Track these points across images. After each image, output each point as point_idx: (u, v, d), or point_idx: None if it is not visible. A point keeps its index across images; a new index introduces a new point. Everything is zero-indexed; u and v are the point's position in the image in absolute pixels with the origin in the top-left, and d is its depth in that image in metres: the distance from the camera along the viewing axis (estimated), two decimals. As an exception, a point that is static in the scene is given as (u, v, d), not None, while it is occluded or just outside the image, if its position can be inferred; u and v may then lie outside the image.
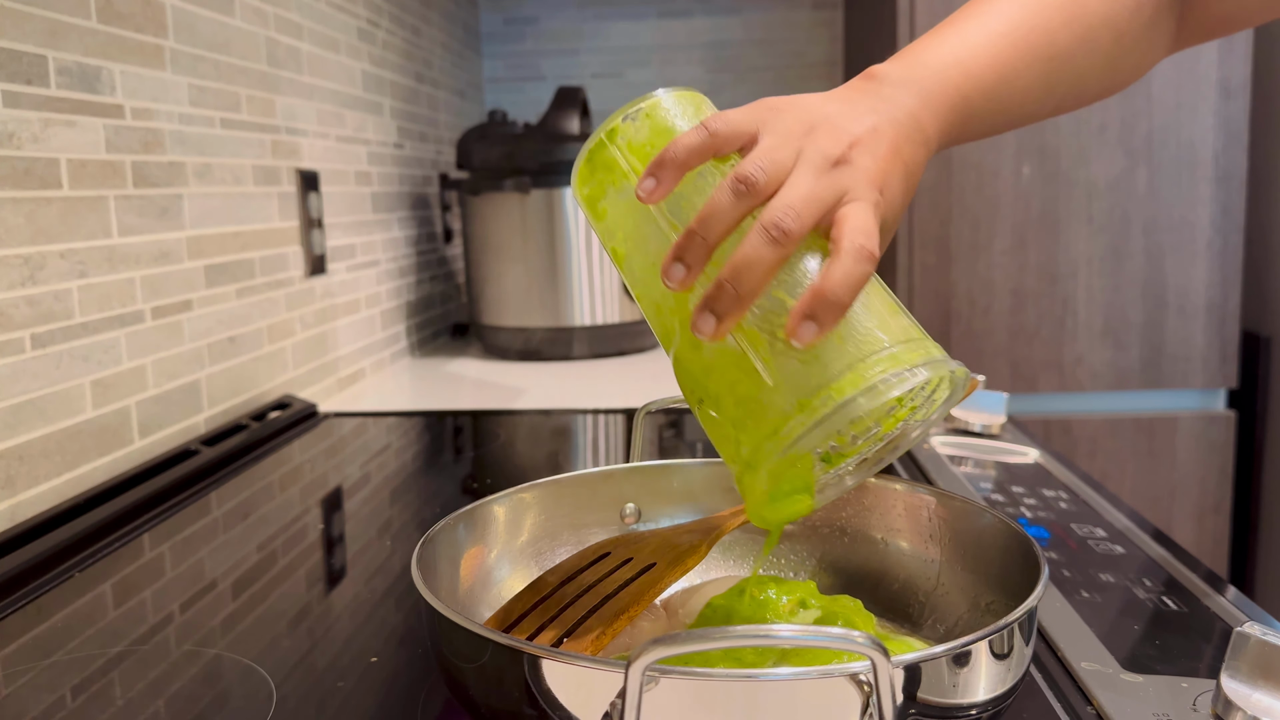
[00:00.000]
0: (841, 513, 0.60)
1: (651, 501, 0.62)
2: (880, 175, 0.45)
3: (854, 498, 0.60)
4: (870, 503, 0.59)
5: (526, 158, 1.41)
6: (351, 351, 1.30)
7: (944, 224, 1.51)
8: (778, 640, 0.31)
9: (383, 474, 0.90)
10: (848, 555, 0.59)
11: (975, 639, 0.38)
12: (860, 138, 0.45)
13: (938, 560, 0.55)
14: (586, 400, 1.17)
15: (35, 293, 0.72)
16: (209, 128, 0.95)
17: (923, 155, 0.50)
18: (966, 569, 0.53)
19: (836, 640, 0.30)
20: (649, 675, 0.34)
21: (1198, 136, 1.46)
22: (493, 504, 0.57)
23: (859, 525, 0.60)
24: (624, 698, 0.32)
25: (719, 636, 0.36)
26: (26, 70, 0.71)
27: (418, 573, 0.45)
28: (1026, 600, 0.41)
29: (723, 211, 0.42)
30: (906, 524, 0.57)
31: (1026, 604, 0.40)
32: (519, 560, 0.57)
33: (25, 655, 0.55)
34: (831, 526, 0.61)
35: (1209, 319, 1.49)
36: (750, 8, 2.05)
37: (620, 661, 0.34)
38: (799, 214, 0.41)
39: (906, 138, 0.48)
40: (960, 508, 0.55)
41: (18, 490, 0.70)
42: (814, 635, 0.31)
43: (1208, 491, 1.52)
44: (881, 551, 0.58)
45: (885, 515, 0.59)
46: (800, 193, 0.42)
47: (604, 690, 0.35)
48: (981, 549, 0.53)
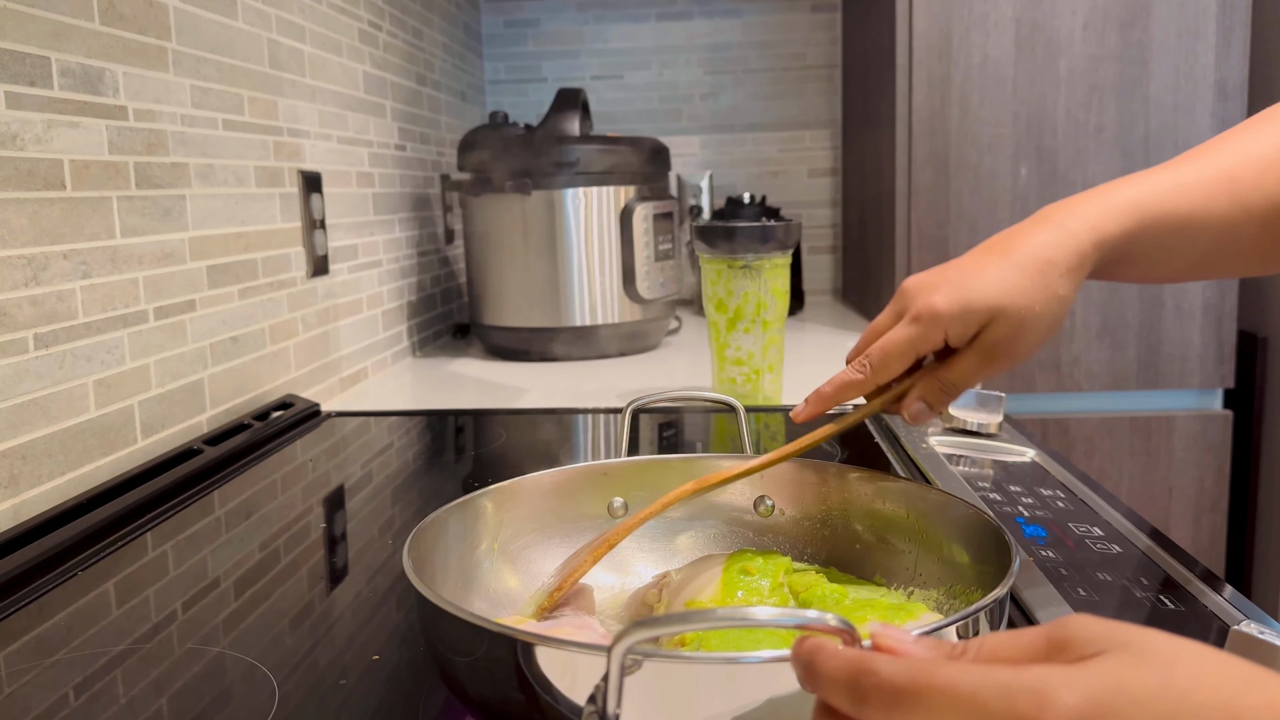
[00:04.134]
0: (821, 505, 0.61)
1: (639, 496, 0.63)
2: None
3: (834, 489, 0.61)
4: (849, 494, 0.60)
5: (527, 159, 1.42)
6: (353, 351, 1.31)
7: (941, 225, 1.51)
8: (755, 622, 0.32)
9: (384, 473, 0.90)
10: (828, 546, 0.61)
11: (944, 624, 0.39)
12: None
13: (914, 551, 0.56)
14: (586, 400, 1.17)
15: (38, 293, 0.73)
16: (211, 129, 0.96)
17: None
18: (941, 559, 0.54)
19: (811, 622, 0.31)
20: (632, 659, 0.34)
21: (1195, 137, 1.46)
22: (483, 497, 0.58)
23: (839, 517, 0.61)
24: (606, 680, 0.33)
25: (698, 619, 0.37)
26: (30, 71, 0.72)
27: (409, 562, 0.46)
28: (995, 589, 0.42)
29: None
30: (884, 515, 0.59)
31: (994, 593, 0.41)
32: (508, 552, 0.58)
33: (28, 654, 0.55)
34: (811, 519, 0.62)
35: (1206, 319, 1.50)
36: (749, 10, 2.06)
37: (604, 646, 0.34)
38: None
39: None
40: (937, 499, 0.56)
41: (21, 489, 0.71)
42: (789, 618, 0.32)
43: (1204, 491, 1.52)
44: (861, 542, 0.59)
45: (864, 506, 0.60)
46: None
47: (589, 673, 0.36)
48: (956, 539, 0.54)
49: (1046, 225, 0.57)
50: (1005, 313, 0.55)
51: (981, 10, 1.46)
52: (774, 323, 1.08)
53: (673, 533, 0.63)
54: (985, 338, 0.56)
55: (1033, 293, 0.55)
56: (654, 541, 0.63)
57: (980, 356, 0.57)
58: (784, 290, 1.08)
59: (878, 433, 0.95)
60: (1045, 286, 0.55)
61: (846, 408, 0.89)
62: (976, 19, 1.46)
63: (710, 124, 2.09)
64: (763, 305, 1.06)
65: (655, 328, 1.52)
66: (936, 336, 0.57)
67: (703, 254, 1.08)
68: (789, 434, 0.99)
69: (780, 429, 1.01)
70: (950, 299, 0.56)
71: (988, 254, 0.57)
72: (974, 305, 0.55)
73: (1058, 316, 0.56)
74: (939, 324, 0.56)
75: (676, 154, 2.07)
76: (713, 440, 1.00)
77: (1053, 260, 0.55)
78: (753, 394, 1.09)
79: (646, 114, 2.09)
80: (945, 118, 1.49)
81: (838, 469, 0.62)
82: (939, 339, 0.57)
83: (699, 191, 1.95)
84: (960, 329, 0.56)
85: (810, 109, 2.08)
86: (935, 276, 0.58)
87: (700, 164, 2.09)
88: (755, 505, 0.63)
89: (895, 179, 1.52)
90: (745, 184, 2.10)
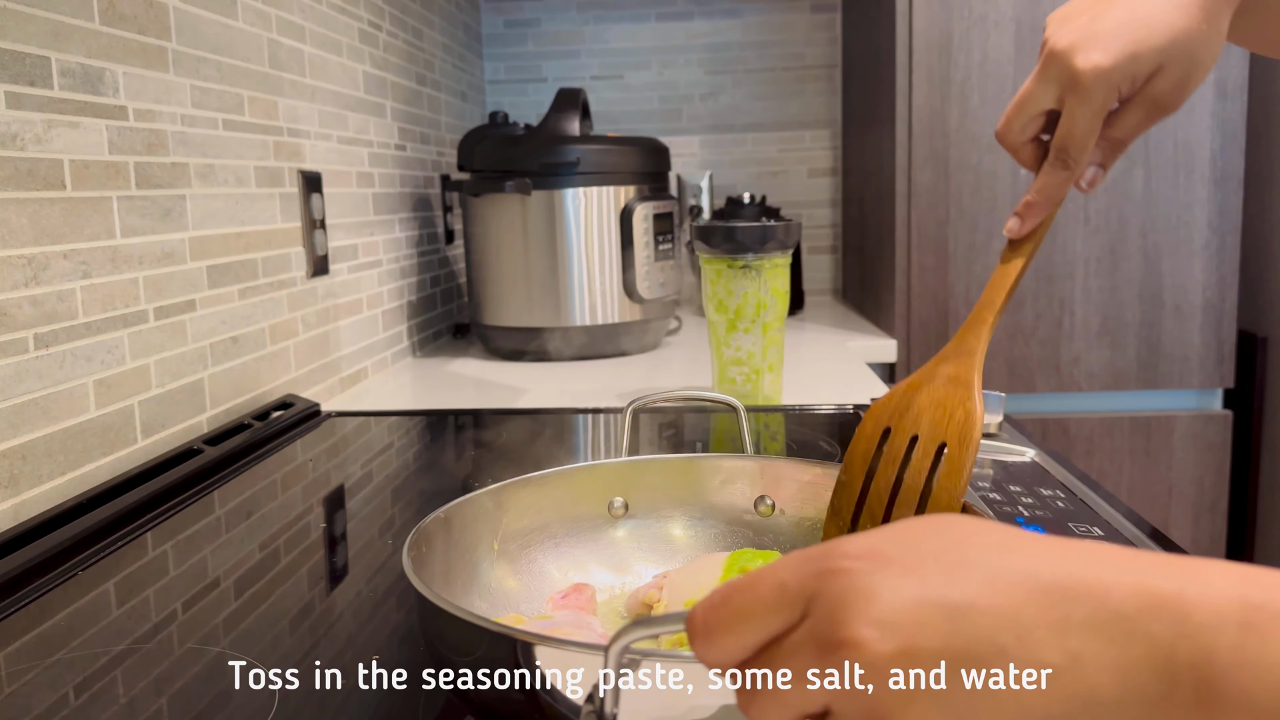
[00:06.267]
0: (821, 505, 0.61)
1: (639, 495, 0.63)
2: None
3: (817, 486, 0.61)
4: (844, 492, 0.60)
5: (527, 159, 1.42)
6: (353, 351, 1.31)
7: (941, 225, 1.51)
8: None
9: (384, 473, 0.90)
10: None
11: None
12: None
13: None
14: (586, 400, 1.18)
15: (38, 293, 0.73)
16: (212, 129, 0.96)
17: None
18: None
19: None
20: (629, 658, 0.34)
21: (1195, 138, 1.47)
22: (483, 497, 0.58)
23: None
24: (604, 679, 0.33)
25: None
26: (30, 71, 0.72)
27: (409, 562, 0.46)
28: None
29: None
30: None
31: None
32: (508, 552, 0.58)
33: (28, 654, 0.55)
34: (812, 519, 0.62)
35: (1206, 319, 1.50)
36: (749, 10, 2.06)
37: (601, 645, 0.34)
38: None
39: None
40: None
41: (21, 489, 0.71)
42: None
43: (1204, 491, 1.52)
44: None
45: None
46: None
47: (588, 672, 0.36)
48: None
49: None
50: (1174, 59, 0.51)
51: (981, 10, 1.46)
52: (774, 323, 1.08)
53: (673, 533, 0.63)
54: (1152, 87, 0.52)
55: (1197, 32, 0.51)
56: (654, 541, 0.63)
57: (1148, 108, 0.53)
58: (784, 290, 1.08)
59: (877, 433, 0.95)
60: (1208, 23, 0.51)
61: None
62: (976, 19, 1.46)
63: (710, 124, 2.09)
64: (763, 305, 1.06)
65: (655, 328, 1.52)
66: (1112, 98, 0.52)
67: (703, 254, 1.08)
68: (789, 434, 0.99)
69: (780, 429, 1.01)
70: (1114, 52, 0.51)
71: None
72: (1142, 54, 0.51)
73: (1217, 54, 0.52)
74: (1110, 82, 0.51)
75: (676, 154, 2.07)
76: (713, 440, 1.00)
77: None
78: (753, 394, 1.09)
79: (646, 114, 2.09)
80: (945, 117, 1.49)
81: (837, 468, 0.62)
82: (1114, 99, 0.52)
83: (699, 191, 1.95)
84: (1130, 83, 0.52)
85: (810, 109, 2.08)
86: (1086, 27, 0.52)
87: (700, 164, 2.09)
88: (755, 505, 0.63)
89: (895, 179, 1.52)
90: (745, 184, 2.10)
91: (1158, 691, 0.26)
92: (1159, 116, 0.54)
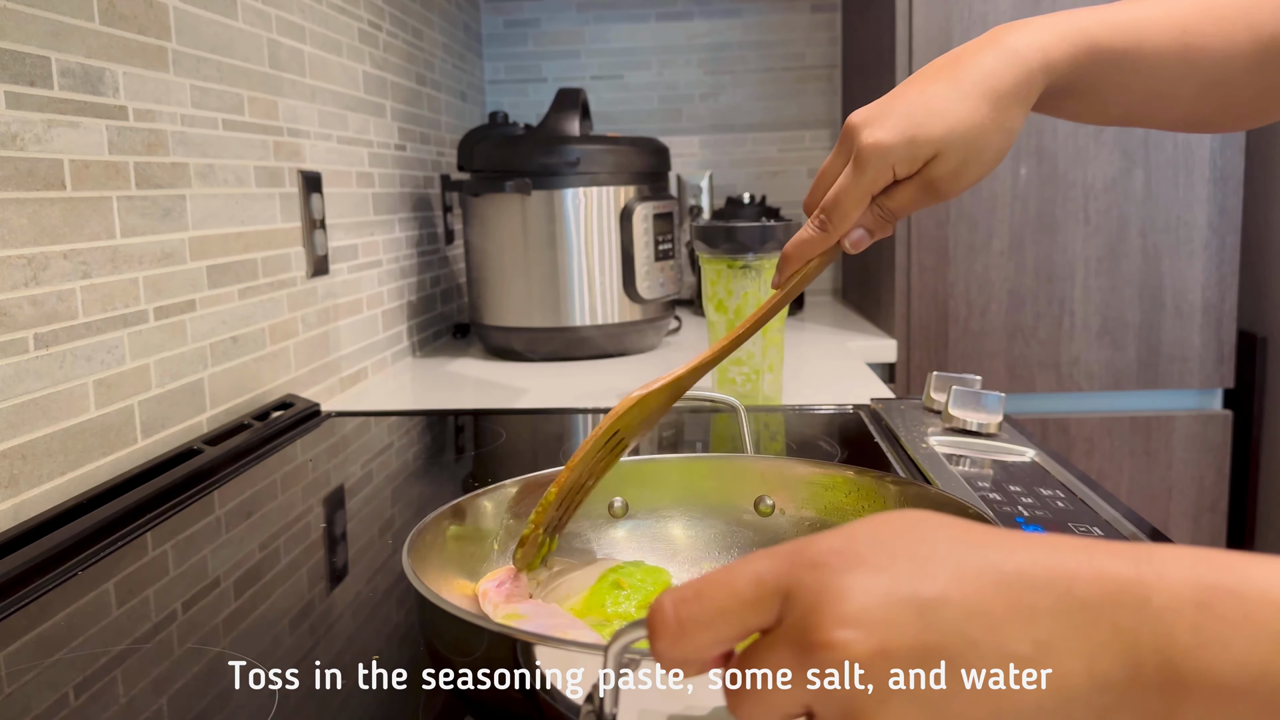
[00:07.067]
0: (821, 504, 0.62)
1: (639, 495, 0.63)
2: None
3: (833, 489, 0.61)
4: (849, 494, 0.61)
5: (527, 159, 1.42)
6: (353, 351, 1.31)
7: (941, 225, 1.51)
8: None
9: (384, 473, 0.90)
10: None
11: None
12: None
13: None
14: (587, 400, 1.18)
15: (38, 293, 0.73)
16: (211, 129, 0.96)
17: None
18: None
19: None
20: (629, 657, 0.34)
21: (1194, 138, 1.46)
22: (482, 497, 0.58)
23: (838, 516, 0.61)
24: (603, 679, 0.33)
25: None
26: (30, 71, 0.72)
27: (409, 562, 0.46)
28: None
29: None
30: (867, 511, 0.59)
31: None
32: (509, 551, 0.58)
33: (28, 654, 0.55)
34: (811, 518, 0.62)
35: (1205, 319, 1.50)
36: (749, 10, 2.06)
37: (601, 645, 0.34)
38: None
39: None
40: (936, 499, 0.56)
41: (21, 489, 0.71)
42: None
43: (1204, 491, 1.53)
44: None
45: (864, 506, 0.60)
46: None
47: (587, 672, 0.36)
48: None
49: (995, 48, 0.54)
50: (952, 147, 0.53)
51: (981, 10, 1.46)
52: (774, 323, 1.08)
53: (673, 533, 0.63)
54: (930, 171, 0.54)
55: (980, 125, 0.53)
56: (654, 541, 0.63)
57: (922, 188, 0.55)
58: (784, 290, 1.08)
59: (877, 432, 0.96)
60: (993, 118, 0.53)
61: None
62: (976, 19, 1.46)
63: (710, 124, 2.09)
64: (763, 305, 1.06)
65: (655, 328, 1.52)
66: (885, 175, 0.55)
67: (703, 254, 1.08)
68: (789, 434, 0.99)
69: (780, 429, 1.01)
70: (895, 133, 0.53)
71: (934, 78, 0.55)
72: (920, 139, 0.53)
73: (1003, 149, 0.54)
74: (886, 160, 0.54)
75: (676, 154, 2.07)
76: (713, 440, 1.00)
77: (1000, 90, 0.53)
78: (753, 394, 1.09)
79: (646, 114, 2.09)
80: (945, 118, 1.49)
81: (838, 468, 0.62)
82: (888, 176, 0.55)
83: (699, 191, 1.95)
84: (907, 164, 0.54)
85: (810, 109, 2.08)
86: (881, 108, 0.55)
87: (700, 164, 2.09)
88: (755, 505, 0.63)
89: (895, 179, 1.52)
90: (745, 184, 2.10)
91: (1124, 676, 0.26)
92: (933, 199, 0.56)
